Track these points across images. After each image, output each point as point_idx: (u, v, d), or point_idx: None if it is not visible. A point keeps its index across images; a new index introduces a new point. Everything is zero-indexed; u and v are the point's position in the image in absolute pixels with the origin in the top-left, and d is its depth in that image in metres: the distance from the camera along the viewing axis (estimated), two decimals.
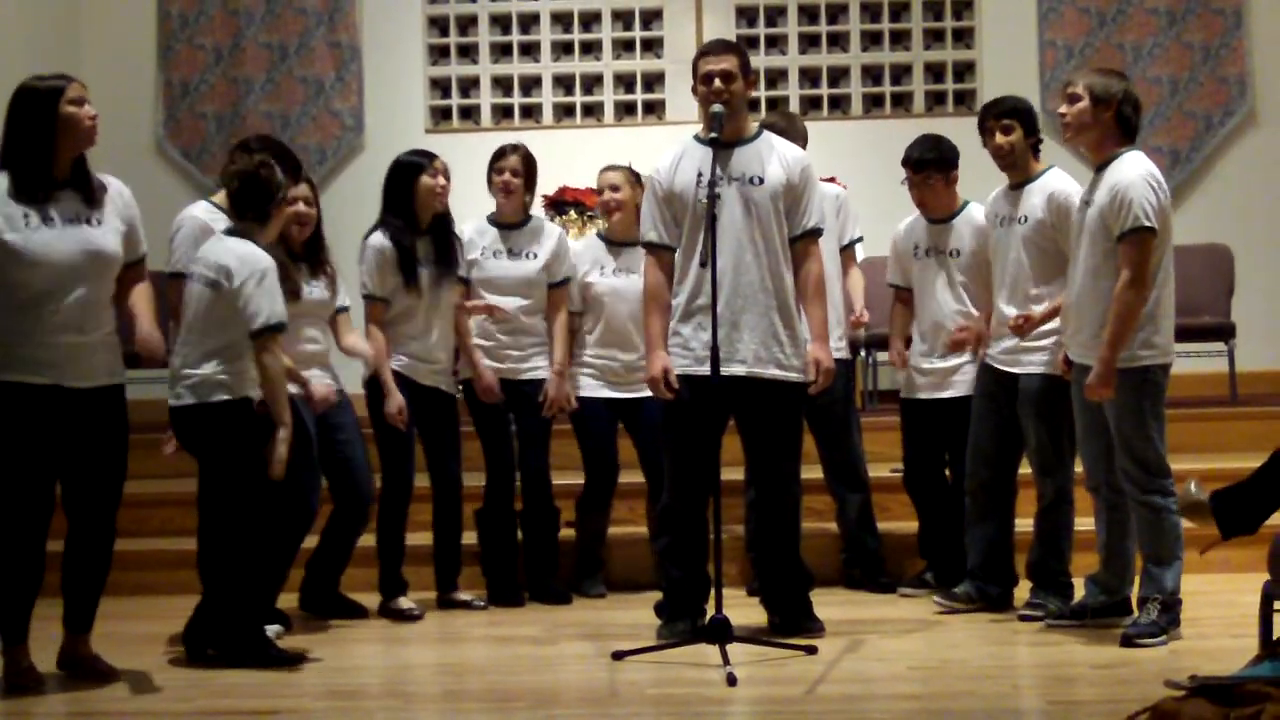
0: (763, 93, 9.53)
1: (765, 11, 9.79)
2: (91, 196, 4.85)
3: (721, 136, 5.27)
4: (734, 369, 5.26)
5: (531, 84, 9.86)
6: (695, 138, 5.50)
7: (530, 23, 9.87)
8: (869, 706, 4.52)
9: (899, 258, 6.23)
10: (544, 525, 6.34)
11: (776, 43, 9.81)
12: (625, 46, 9.85)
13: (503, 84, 9.87)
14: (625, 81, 9.84)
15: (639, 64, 9.83)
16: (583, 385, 6.34)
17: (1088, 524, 5.52)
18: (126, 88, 9.41)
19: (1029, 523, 5.75)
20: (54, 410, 4.77)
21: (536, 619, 5.97)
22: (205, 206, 5.65)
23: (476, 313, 6.21)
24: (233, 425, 5.09)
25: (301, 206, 5.67)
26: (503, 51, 9.89)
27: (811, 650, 5.10)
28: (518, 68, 9.85)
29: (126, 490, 5.03)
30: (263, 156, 5.30)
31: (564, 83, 9.87)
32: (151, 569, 6.50)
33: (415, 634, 5.80)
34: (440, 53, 9.88)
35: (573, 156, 8.80)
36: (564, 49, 9.88)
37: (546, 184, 8.89)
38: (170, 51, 9.76)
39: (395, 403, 5.94)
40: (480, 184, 6.45)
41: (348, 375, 6.09)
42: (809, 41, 9.80)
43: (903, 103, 9.72)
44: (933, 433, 6.11)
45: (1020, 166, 5.70)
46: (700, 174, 5.33)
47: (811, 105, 9.73)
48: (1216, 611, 5.59)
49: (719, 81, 5.35)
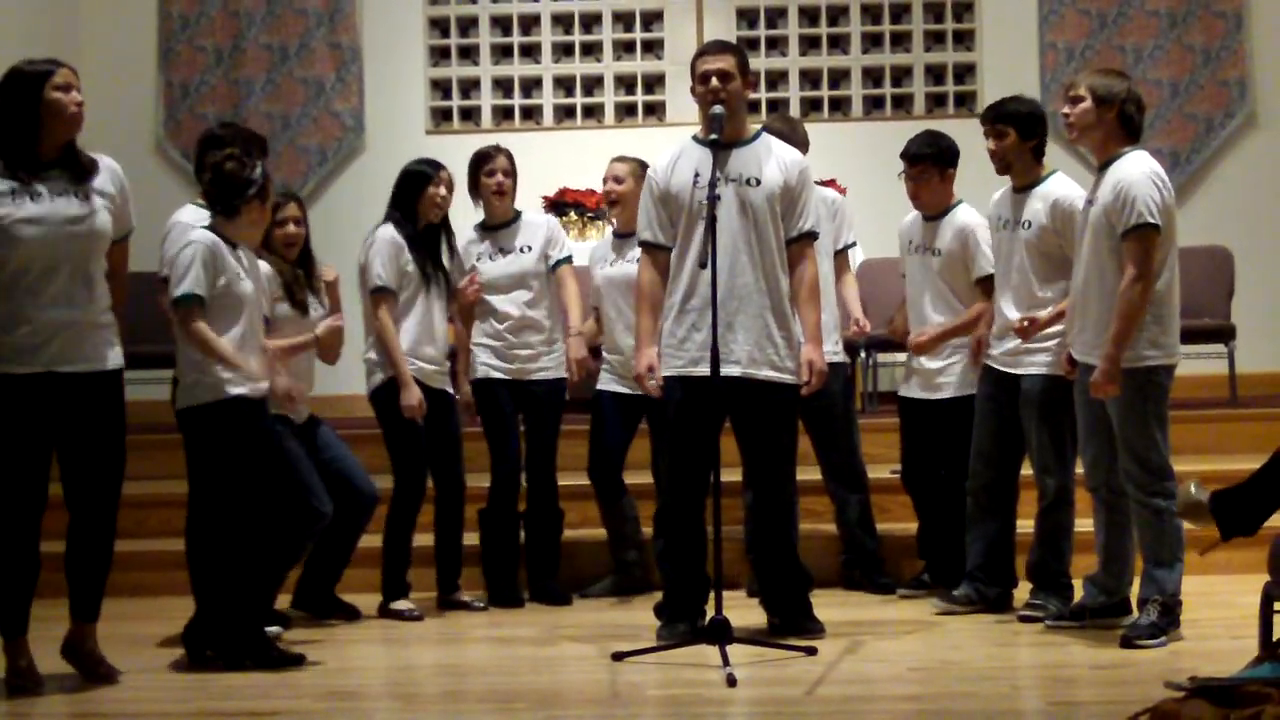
0: (763, 94, 9.53)
1: (766, 13, 9.79)
2: (81, 173, 4.82)
3: (720, 138, 5.27)
4: (729, 370, 5.24)
5: (532, 85, 9.86)
6: (694, 138, 5.49)
7: (531, 24, 9.87)
8: (869, 707, 4.51)
9: (901, 251, 6.24)
10: (547, 526, 6.33)
11: (777, 44, 9.81)
12: (626, 48, 9.86)
13: (503, 85, 9.87)
14: (626, 83, 9.85)
15: (639, 65, 9.83)
16: (599, 380, 6.37)
17: (1088, 525, 5.52)
18: (127, 89, 9.42)
19: (1029, 524, 5.75)
20: (47, 399, 4.74)
21: (537, 620, 5.97)
22: (192, 209, 5.64)
23: (469, 297, 6.18)
24: (218, 426, 5.08)
25: (291, 227, 5.67)
26: (503, 53, 9.89)
27: (811, 651, 5.10)
28: (518, 69, 9.85)
29: (125, 491, 5.01)
30: (232, 150, 5.28)
31: (564, 84, 9.87)
32: (150, 570, 6.49)
33: (415, 635, 5.79)
34: (441, 54, 9.88)
35: (573, 158, 8.81)
36: (564, 50, 9.88)
37: (547, 185, 8.93)
38: (171, 52, 9.76)
39: (414, 394, 5.91)
40: None
41: (347, 377, 6.09)
42: (809, 43, 9.80)
43: (903, 105, 9.73)
44: (928, 432, 6.11)
45: (1019, 171, 5.68)
46: (697, 174, 5.32)
47: (812, 107, 9.73)
48: (1216, 613, 5.59)
49: (716, 80, 5.33)
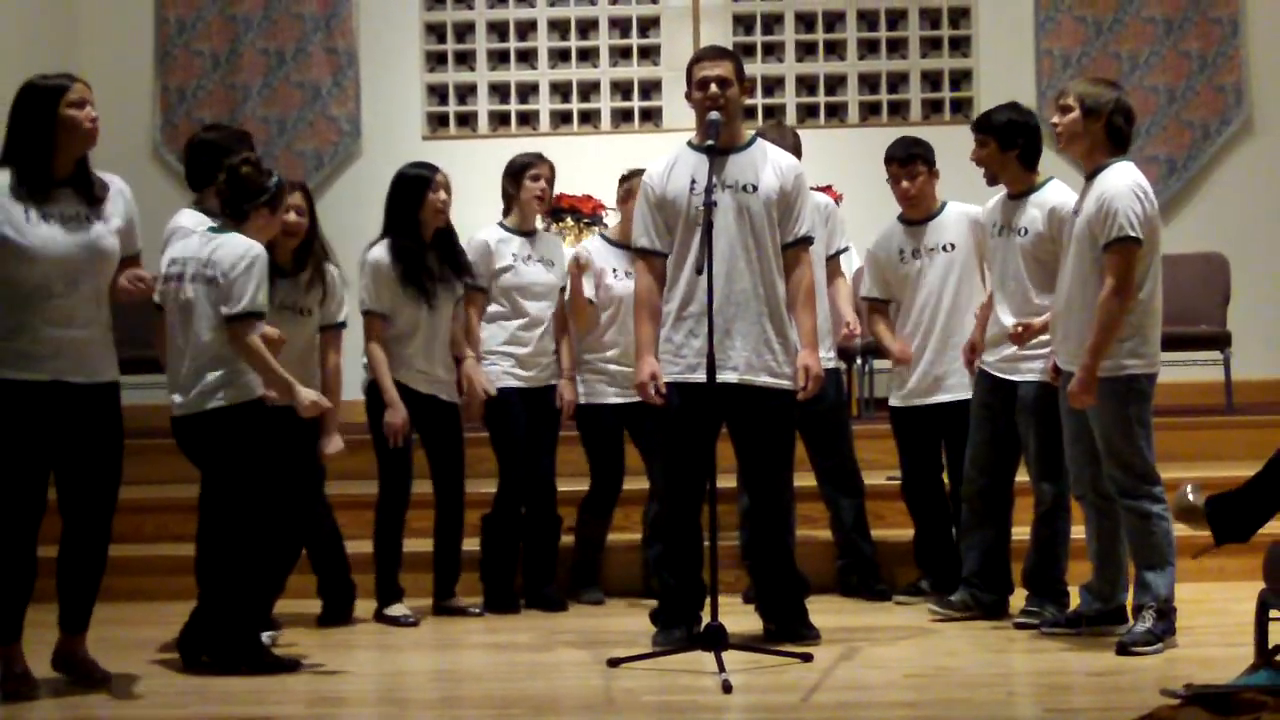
0: (759, 100, 9.55)
1: (762, 19, 9.80)
2: (92, 195, 4.87)
3: (717, 144, 5.27)
4: (726, 376, 5.23)
5: (529, 91, 9.86)
6: (689, 144, 5.49)
7: (527, 30, 9.87)
8: (865, 714, 4.51)
9: (879, 268, 6.18)
10: (546, 532, 6.33)
11: (773, 50, 9.81)
12: (622, 54, 9.86)
13: (500, 91, 9.87)
14: (622, 89, 9.85)
15: (636, 71, 9.83)
16: (593, 391, 6.34)
17: (1082, 532, 5.52)
18: (124, 93, 9.39)
19: (1025, 530, 5.76)
20: (52, 406, 4.77)
21: (533, 626, 5.96)
22: (190, 213, 5.64)
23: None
24: (233, 431, 5.09)
25: (291, 215, 5.67)
26: (500, 58, 9.89)
27: (807, 658, 5.09)
28: (515, 75, 9.85)
29: (121, 496, 5.02)
30: (249, 155, 5.30)
31: (561, 90, 9.87)
32: (146, 574, 6.49)
33: (411, 640, 5.79)
34: (437, 59, 9.88)
35: (570, 164, 8.79)
36: (561, 56, 9.88)
37: None
38: (168, 57, 9.76)
39: (400, 414, 5.92)
40: (477, 191, 6.45)
41: (345, 379, 6.08)
42: (806, 49, 9.81)
43: (899, 111, 9.74)
44: (929, 439, 6.10)
45: (1010, 179, 5.69)
46: (694, 180, 5.32)
47: (808, 113, 9.74)
48: (1212, 620, 5.59)
49: (715, 87, 5.33)
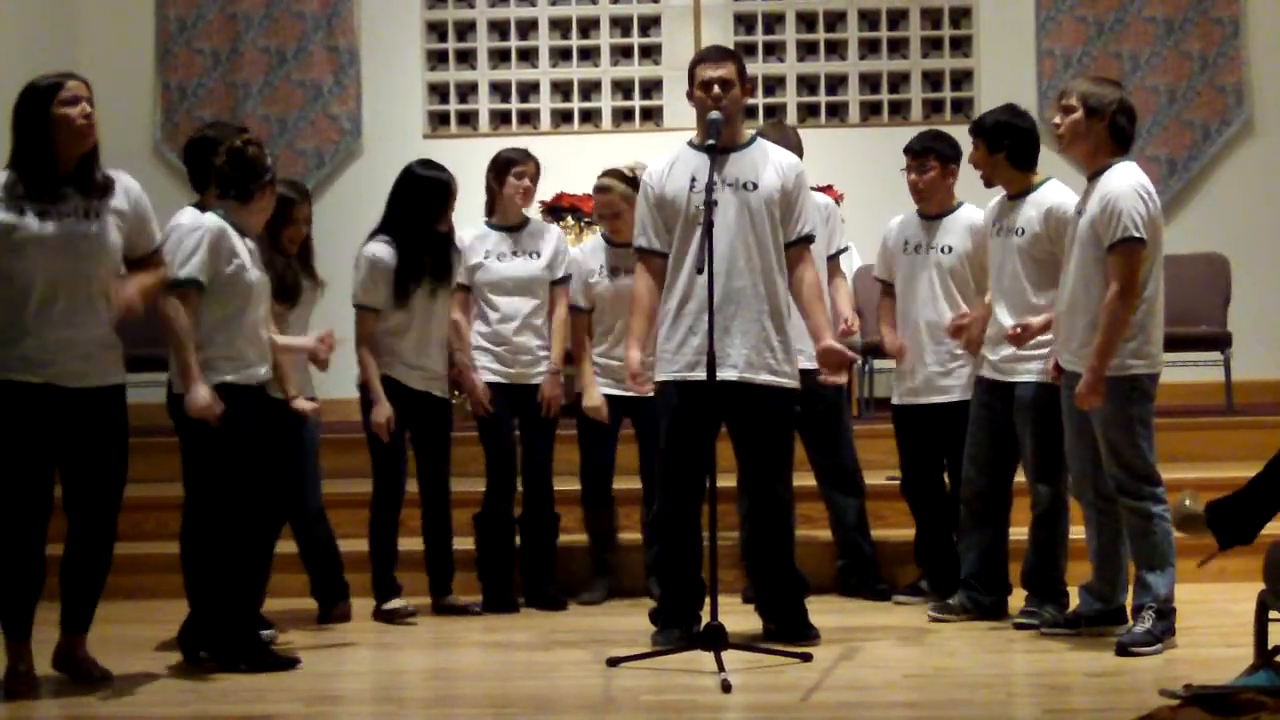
0: (760, 100, 9.53)
1: (763, 19, 9.78)
2: (95, 193, 4.85)
3: (718, 143, 5.27)
4: (725, 374, 5.23)
5: (529, 90, 9.85)
6: (689, 143, 5.49)
7: (528, 28, 9.86)
8: (864, 714, 4.51)
9: (886, 252, 6.22)
10: (543, 531, 6.33)
11: (774, 50, 9.80)
12: (623, 53, 9.85)
13: (501, 89, 9.86)
14: (623, 88, 9.84)
15: (637, 70, 9.82)
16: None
17: (1081, 532, 5.52)
18: (124, 91, 9.38)
19: (1024, 531, 5.75)
20: (49, 409, 4.77)
21: (532, 625, 5.96)
22: (192, 212, 5.64)
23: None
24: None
25: (304, 228, 5.68)
26: (501, 57, 9.88)
27: (807, 657, 5.10)
28: (516, 73, 9.84)
29: (124, 494, 5.01)
30: (250, 136, 5.31)
31: (562, 89, 9.86)
32: (147, 573, 6.49)
33: (409, 639, 5.79)
34: (438, 58, 9.87)
35: (570, 162, 8.79)
36: (562, 55, 9.87)
37: (544, 190, 8.90)
38: (168, 55, 9.76)
39: (384, 411, 5.94)
40: (476, 190, 6.44)
41: (342, 379, 6.09)
42: (807, 49, 9.80)
43: (900, 110, 9.72)
44: (930, 439, 6.09)
45: (1005, 179, 5.69)
46: (694, 179, 5.32)
47: (809, 113, 9.73)
48: (1212, 620, 5.59)
49: (718, 88, 5.33)
